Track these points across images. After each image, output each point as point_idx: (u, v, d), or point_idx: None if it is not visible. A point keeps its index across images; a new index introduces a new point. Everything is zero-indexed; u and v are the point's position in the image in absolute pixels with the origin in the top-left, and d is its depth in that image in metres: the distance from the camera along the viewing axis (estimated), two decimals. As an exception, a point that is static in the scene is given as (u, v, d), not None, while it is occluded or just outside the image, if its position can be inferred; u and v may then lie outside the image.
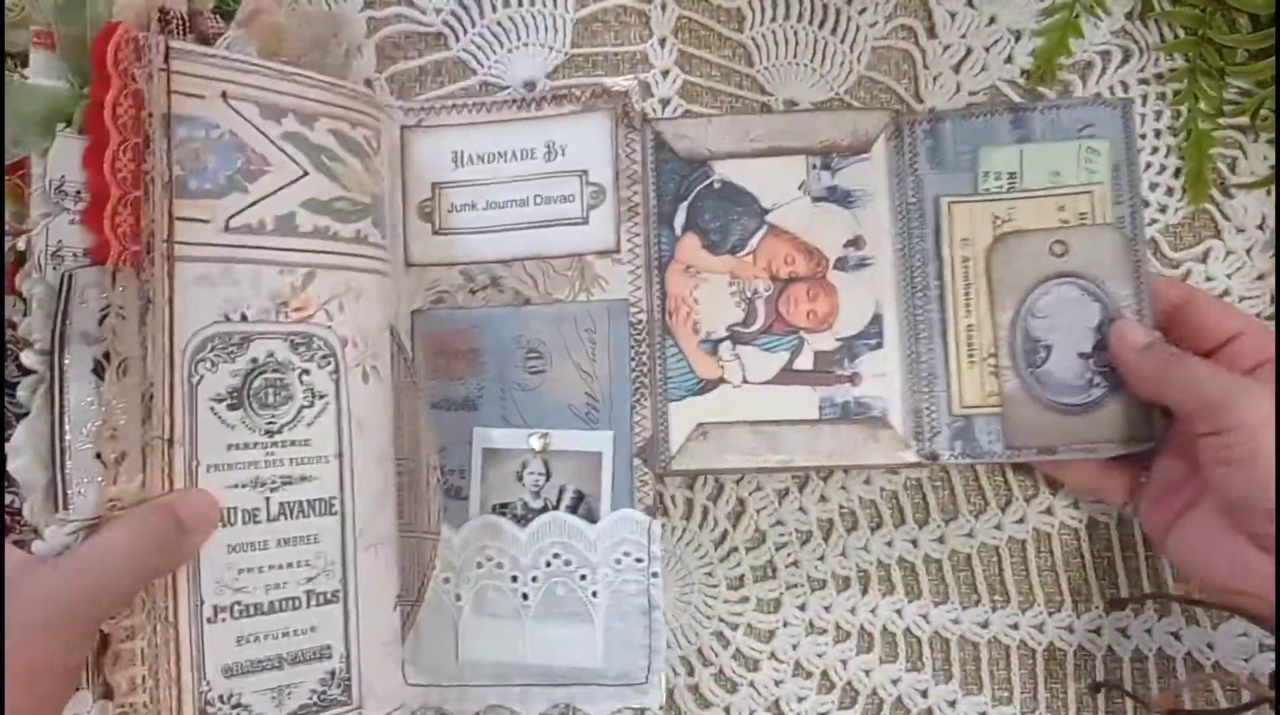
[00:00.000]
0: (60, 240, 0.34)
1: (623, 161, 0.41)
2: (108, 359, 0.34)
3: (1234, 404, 0.34)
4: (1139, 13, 0.43)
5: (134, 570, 0.32)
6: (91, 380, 0.34)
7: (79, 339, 0.33)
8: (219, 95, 0.35)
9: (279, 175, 0.36)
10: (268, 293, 0.36)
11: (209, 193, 0.34)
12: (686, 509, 0.43)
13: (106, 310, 0.34)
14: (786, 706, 0.42)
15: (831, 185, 0.41)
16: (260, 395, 0.35)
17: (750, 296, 0.41)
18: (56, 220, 0.33)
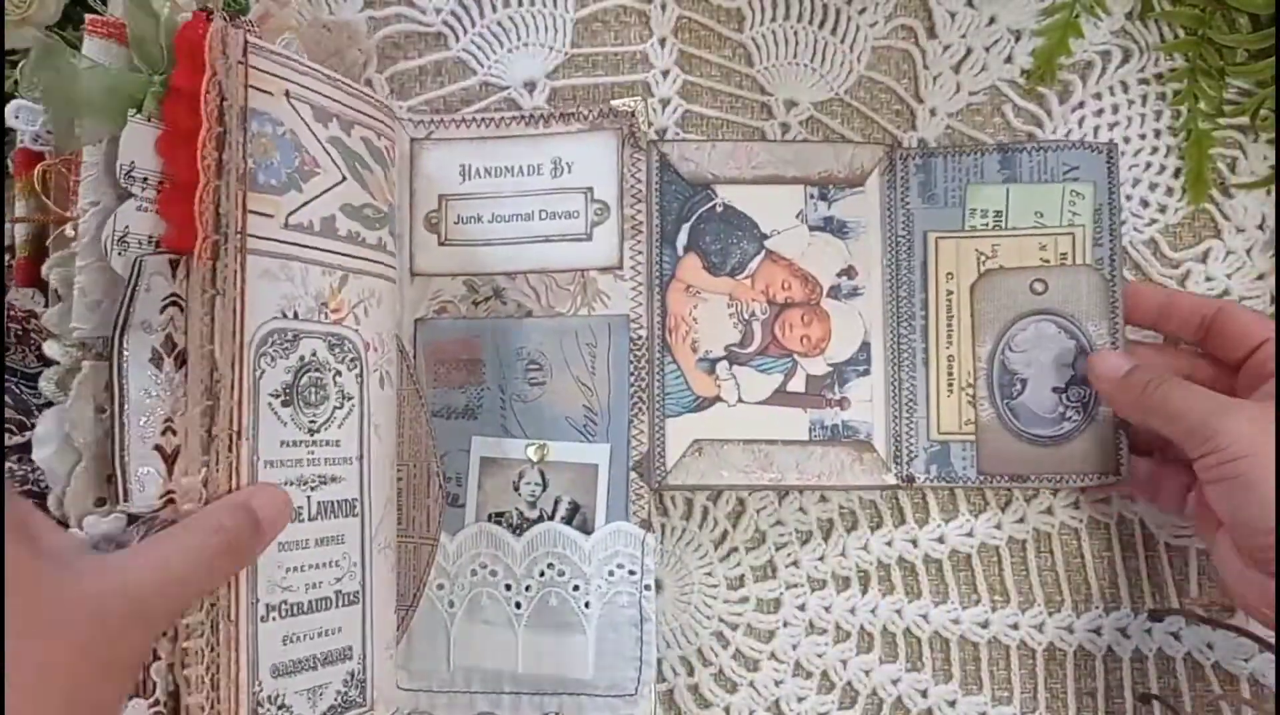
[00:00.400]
0: (127, 226, 0.33)
1: (628, 180, 0.41)
2: (166, 349, 0.33)
3: (1216, 426, 0.34)
4: (1139, 13, 0.43)
5: (210, 568, 0.31)
6: (150, 370, 0.33)
7: (140, 328, 0.33)
8: (284, 94, 0.35)
9: (325, 178, 0.36)
10: (313, 292, 0.36)
11: (274, 188, 0.34)
12: (686, 509, 0.43)
13: (169, 299, 0.33)
14: (786, 706, 0.42)
15: (828, 215, 0.42)
16: (305, 394, 0.35)
17: (748, 318, 0.42)
18: (124, 207, 0.33)
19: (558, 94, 0.44)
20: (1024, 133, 0.43)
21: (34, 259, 0.37)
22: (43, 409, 0.35)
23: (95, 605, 0.27)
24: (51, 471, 0.34)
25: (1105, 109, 0.43)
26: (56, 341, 0.35)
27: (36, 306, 0.37)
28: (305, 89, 0.36)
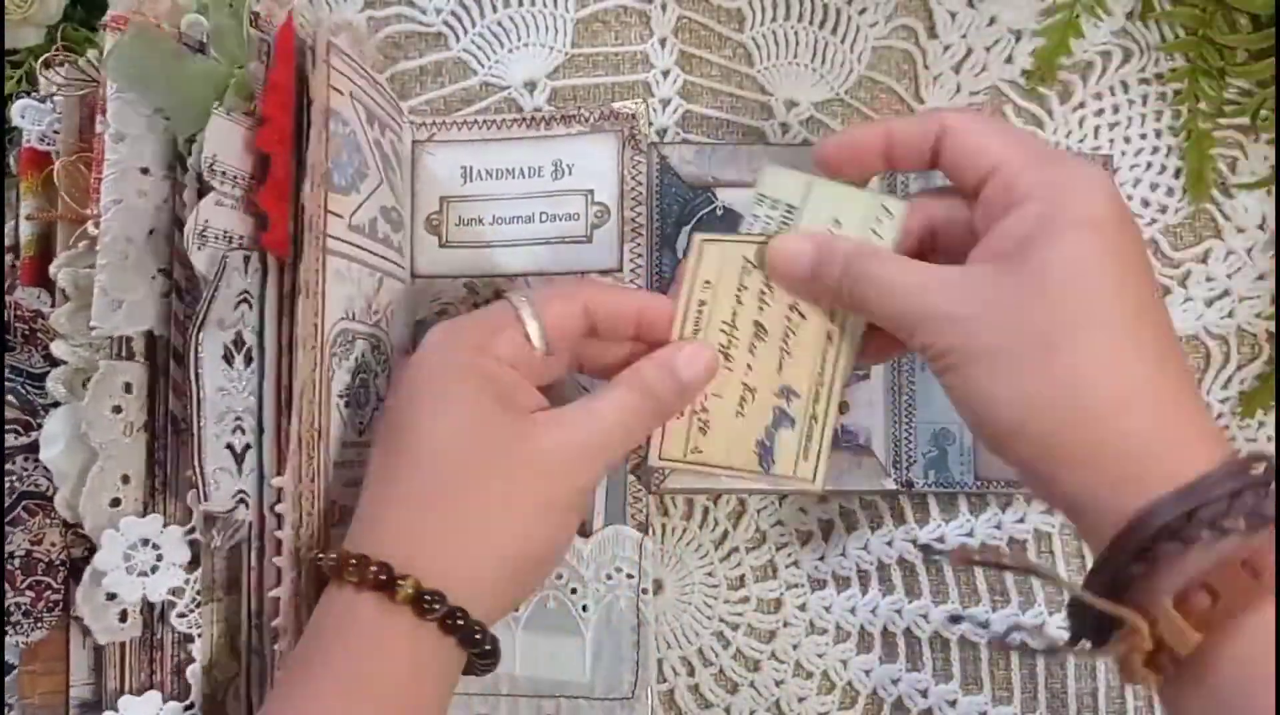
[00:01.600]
0: (207, 220, 0.32)
1: (628, 183, 0.42)
2: (236, 347, 0.33)
3: (917, 315, 0.29)
4: (1139, 13, 0.43)
5: (638, 428, 0.32)
6: (222, 367, 0.33)
7: (214, 325, 0.33)
8: (349, 95, 0.35)
9: (372, 179, 0.37)
10: (363, 294, 0.36)
11: (343, 188, 0.34)
12: (687, 509, 0.43)
13: (242, 296, 0.33)
14: (787, 706, 0.42)
15: None
16: (358, 395, 0.35)
17: None
18: (205, 201, 0.32)
19: (558, 94, 0.44)
20: (1024, 133, 0.43)
21: (40, 258, 0.37)
22: (49, 409, 0.35)
23: (541, 459, 0.30)
24: (59, 471, 0.35)
25: (1106, 109, 0.43)
26: (65, 341, 0.35)
27: (43, 306, 0.37)
28: (362, 91, 0.36)
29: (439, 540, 0.29)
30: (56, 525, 0.36)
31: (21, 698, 0.35)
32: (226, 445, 0.33)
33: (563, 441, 0.31)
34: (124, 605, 0.35)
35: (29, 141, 0.38)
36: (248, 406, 0.33)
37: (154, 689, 0.35)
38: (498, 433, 0.30)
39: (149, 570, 0.34)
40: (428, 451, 0.30)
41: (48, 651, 0.36)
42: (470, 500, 0.30)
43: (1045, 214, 0.27)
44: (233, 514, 0.33)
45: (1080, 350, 0.26)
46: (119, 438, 0.34)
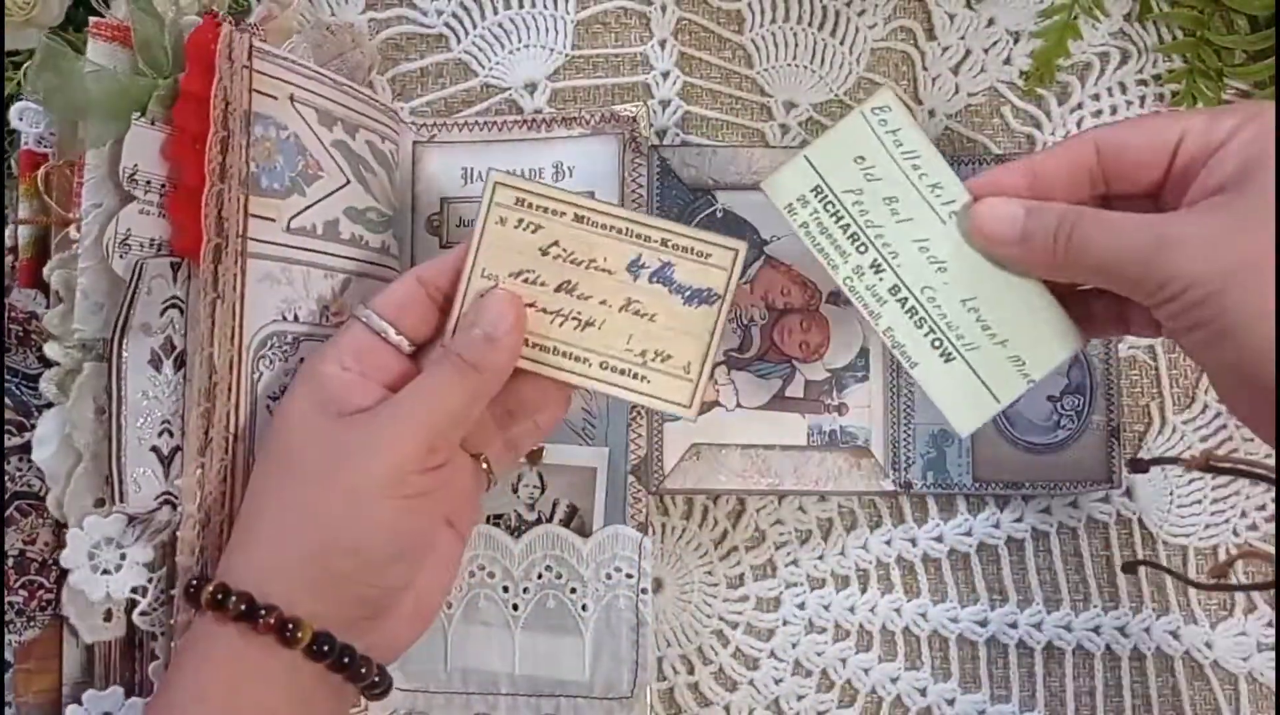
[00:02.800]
0: (129, 229, 0.33)
1: (629, 185, 0.42)
2: (165, 352, 0.33)
3: (1162, 269, 0.27)
4: (1137, 14, 0.43)
5: (468, 404, 0.31)
6: (149, 372, 0.33)
7: (139, 330, 0.33)
8: (288, 98, 0.35)
9: (329, 181, 0.36)
10: (315, 296, 0.36)
11: (276, 192, 0.34)
12: (687, 509, 0.43)
13: (169, 302, 0.33)
14: (786, 705, 0.42)
15: None
16: None
17: (746, 324, 0.42)
18: (126, 209, 0.33)
19: (558, 95, 0.44)
20: (1023, 134, 0.44)
21: (37, 260, 0.37)
22: (43, 410, 0.35)
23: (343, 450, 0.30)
24: (51, 472, 0.35)
25: (1104, 110, 0.43)
26: (57, 343, 0.35)
27: (39, 308, 0.37)
28: (310, 93, 0.36)
29: (258, 551, 0.30)
30: (49, 525, 0.36)
31: (16, 696, 0.35)
32: (151, 448, 0.33)
33: (368, 429, 0.30)
34: (108, 605, 0.35)
35: (27, 144, 0.38)
36: (178, 410, 0.33)
37: (135, 687, 0.35)
38: (308, 436, 0.30)
39: (112, 569, 0.34)
40: (259, 472, 0.31)
41: (41, 650, 0.36)
42: (276, 503, 0.30)
43: (1252, 143, 0.27)
44: (155, 515, 0.33)
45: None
46: (103, 439, 0.34)
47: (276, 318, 0.34)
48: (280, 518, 0.30)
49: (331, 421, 0.30)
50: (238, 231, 0.33)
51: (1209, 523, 0.42)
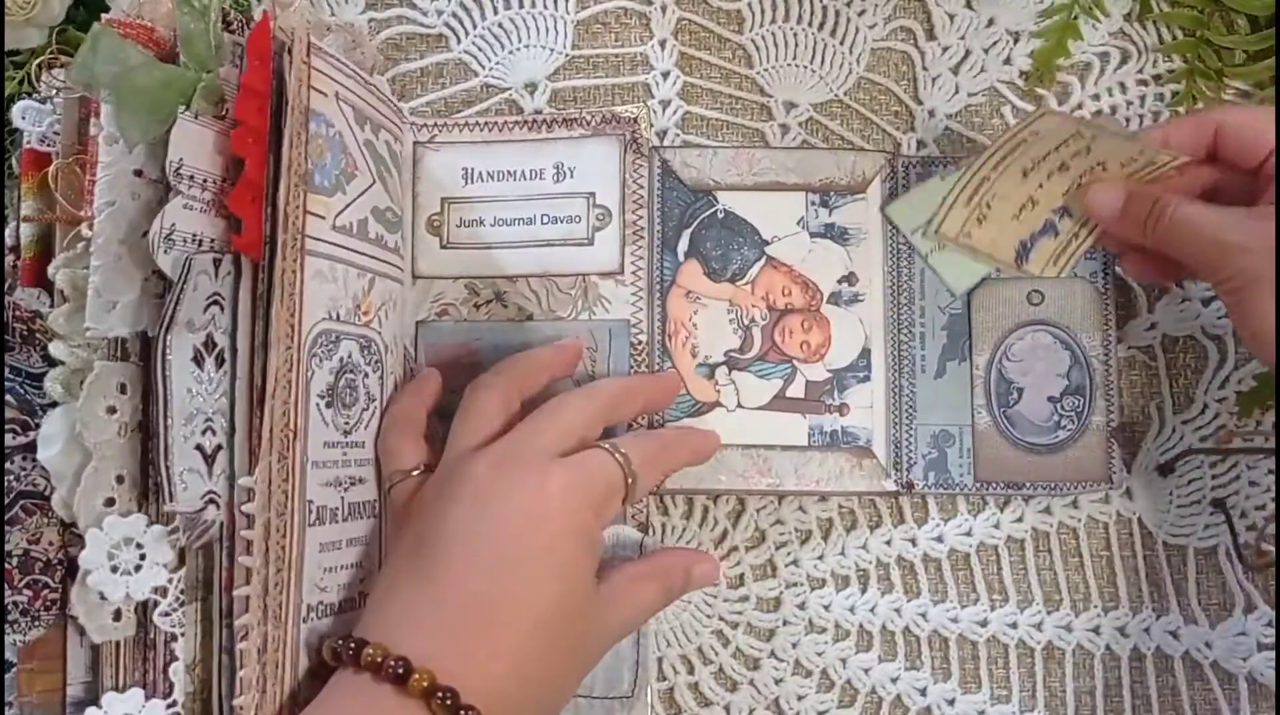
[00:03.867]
0: (174, 224, 0.33)
1: (629, 186, 0.42)
2: (207, 349, 0.33)
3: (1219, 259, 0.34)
4: (1137, 14, 0.43)
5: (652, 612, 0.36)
6: (192, 369, 0.33)
7: (183, 327, 0.33)
8: (334, 95, 0.35)
9: (361, 180, 0.37)
10: (351, 294, 0.36)
11: (325, 189, 0.34)
12: (687, 508, 0.43)
13: (211, 298, 0.33)
14: (786, 705, 0.42)
15: (829, 222, 0.42)
16: (343, 395, 0.35)
17: (747, 324, 0.42)
18: (171, 204, 0.32)
19: (558, 96, 0.44)
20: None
21: (41, 259, 0.37)
22: (47, 409, 0.35)
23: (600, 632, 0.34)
24: (57, 471, 0.35)
25: (1104, 110, 0.43)
26: (62, 342, 0.35)
27: (42, 307, 0.37)
28: (349, 92, 0.36)
29: (485, 663, 0.31)
30: (54, 524, 0.36)
31: (19, 695, 0.35)
32: (196, 446, 0.33)
33: (616, 622, 0.34)
34: (118, 604, 0.35)
35: (29, 143, 0.38)
36: (219, 408, 0.33)
37: (145, 687, 0.35)
38: (584, 608, 0.33)
39: (132, 569, 0.34)
40: (528, 603, 0.31)
41: (45, 649, 0.36)
42: (537, 644, 0.31)
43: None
44: (201, 514, 0.33)
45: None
46: (113, 438, 0.34)
47: (325, 316, 0.34)
48: (530, 667, 0.31)
49: (594, 597, 0.33)
50: (299, 228, 0.33)
51: (1209, 523, 0.42)
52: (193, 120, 0.33)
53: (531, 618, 0.31)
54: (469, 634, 0.31)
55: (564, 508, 0.32)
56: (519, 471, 0.33)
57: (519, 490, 0.32)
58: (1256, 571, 0.40)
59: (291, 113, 0.33)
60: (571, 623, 0.32)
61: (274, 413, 0.32)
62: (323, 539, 0.34)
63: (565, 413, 0.35)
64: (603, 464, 0.34)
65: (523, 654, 0.31)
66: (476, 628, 0.31)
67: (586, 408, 0.35)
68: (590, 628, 0.33)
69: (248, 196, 0.33)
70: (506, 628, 0.31)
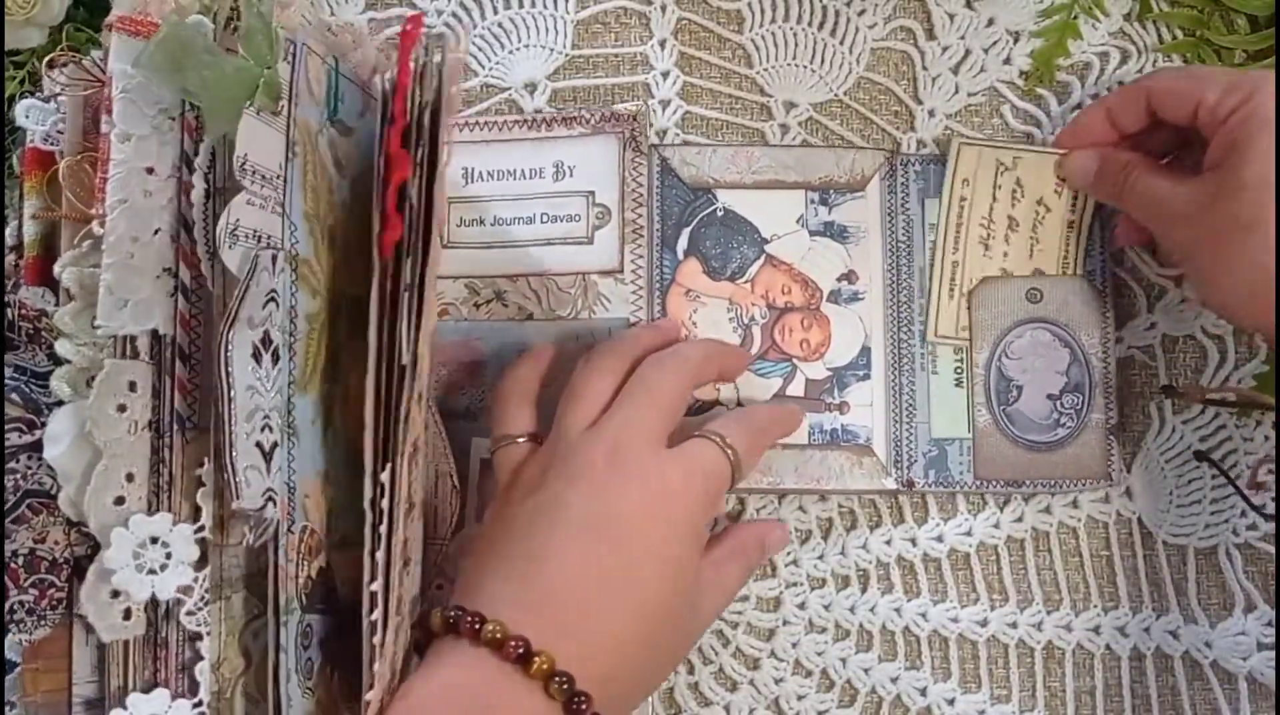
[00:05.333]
0: (238, 219, 0.32)
1: (629, 184, 0.42)
2: (264, 345, 0.33)
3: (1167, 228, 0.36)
4: (1137, 14, 0.43)
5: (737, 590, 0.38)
6: (250, 365, 0.33)
7: (244, 323, 0.33)
8: (457, 97, 0.35)
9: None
10: None
11: None
12: (686, 507, 0.43)
13: (270, 295, 0.33)
14: (786, 705, 0.42)
15: (828, 220, 0.42)
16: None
17: (747, 323, 0.42)
18: (235, 200, 0.32)
19: (558, 95, 0.44)
20: (1023, 133, 0.44)
21: (44, 258, 0.37)
22: (53, 408, 0.36)
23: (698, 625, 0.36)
24: (63, 470, 0.35)
25: (1104, 110, 0.43)
26: (69, 340, 0.35)
27: (47, 305, 0.37)
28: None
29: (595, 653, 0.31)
30: (60, 523, 0.36)
31: (24, 695, 0.35)
32: (256, 443, 0.33)
33: (710, 610, 0.36)
34: (128, 603, 0.35)
35: (33, 141, 0.38)
36: (275, 405, 0.33)
37: (160, 686, 0.35)
38: (688, 600, 0.34)
39: (158, 568, 0.34)
40: (641, 598, 0.32)
41: (50, 649, 0.36)
42: (645, 636, 0.32)
43: (1239, 127, 0.34)
44: (262, 512, 0.33)
45: (1267, 233, 0.33)
46: (123, 436, 0.34)
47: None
48: (635, 650, 0.32)
49: (698, 591, 0.34)
50: (441, 225, 0.33)
51: (1209, 523, 0.42)
52: (255, 116, 0.33)
53: (643, 612, 0.32)
54: (583, 623, 0.31)
55: (679, 505, 0.33)
56: (635, 466, 0.33)
57: (636, 486, 0.33)
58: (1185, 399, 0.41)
59: (445, 113, 0.33)
60: (676, 615, 0.33)
61: (413, 406, 0.32)
62: (410, 534, 0.34)
63: (663, 391, 0.35)
64: (714, 458, 0.35)
65: (632, 646, 0.32)
66: (591, 618, 0.31)
67: (679, 382, 0.36)
68: (691, 617, 0.34)
69: (398, 196, 0.33)
70: (618, 620, 0.32)
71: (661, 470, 0.33)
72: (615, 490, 0.33)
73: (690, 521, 0.33)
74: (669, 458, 0.34)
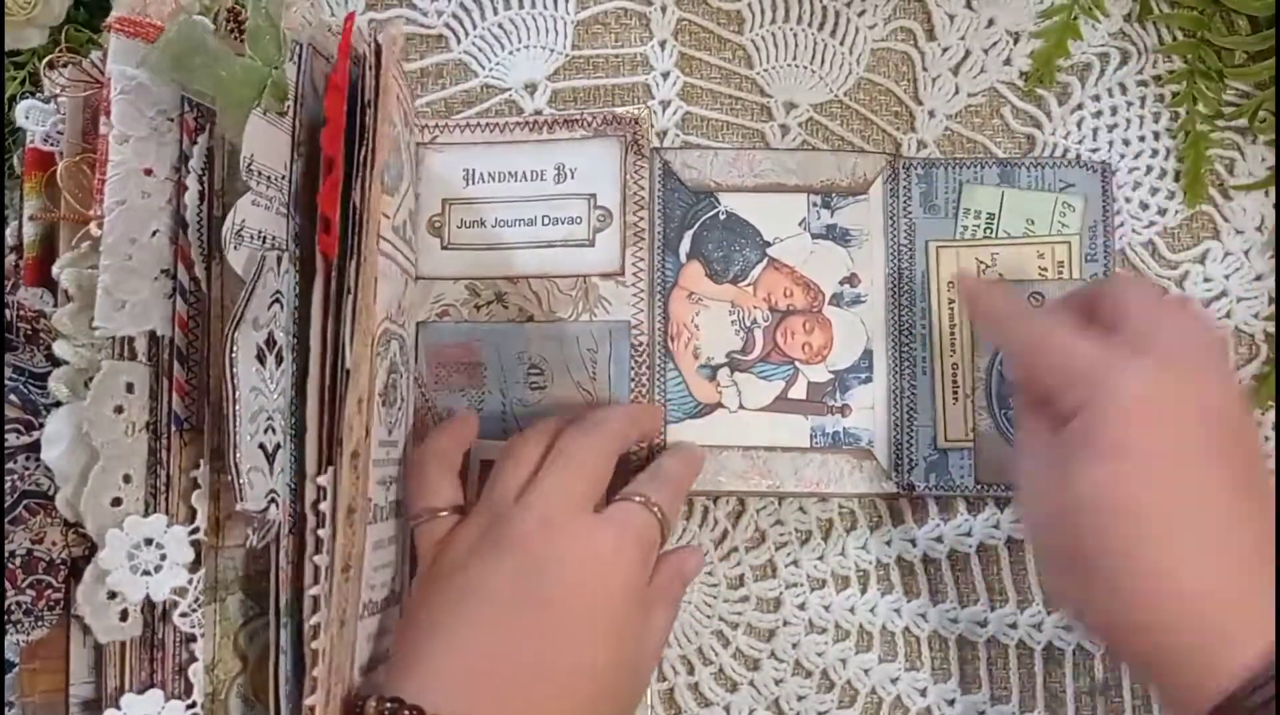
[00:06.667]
0: (244, 220, 0.32)
1: (631, 188, 0.42)
2: (268, 346, 0.33)
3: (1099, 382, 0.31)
4: (1137, 15, 0.43)
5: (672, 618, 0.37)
6: (255, 366, 0.33)
7: (249, 324, 0.32)
8: (396, 95, 0.35)
9: (405, 181, 0.37)
10: (397, 295, 0.36)
11: (389, 188, 0.34)
12: (687, 509, 0.43)
13: (275, 297, 0.33)
14: (786, 705, 0.42)
15: (830, 223, 0.42)
16: (389, 394, 0.36)
17: (749, 325, 0.42)
18: (242, 200, 0.32)
19: (558, 96, 0.44)
20: (1023, 134, 0.44)
21: (44, 258, 0.37)
22: (51, 409, 0.36)
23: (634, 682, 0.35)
24: (61, 471, 0.35)
25: (1104, 111, 0.43)
26: (67, 341, 0.35)
27: (46, 306, 0.37)
28: (404, 91, 0.36)
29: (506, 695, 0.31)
30: (58, 524, 0.36)
31: (22, 695, 0.35)
32: (259, 445, 0.33)
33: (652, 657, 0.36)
34: (125, 604, 0.35)
35: (33, 142, 0.38)
36: (278, 407, 0.33)
37: (155, 688, 0.35)
38: (634, 658, 0.34)
39: (152, 570, 0.34)
40: (585, 665, 0.32)
41: (48, 650, 0.36)
42: (592, 705, 0.32)
43: (1074, 437, 0.31)
44: (265, 514, 0.33)
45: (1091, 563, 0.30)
46: (120, 437, 0.34)
47: (385, 316, 0.34)
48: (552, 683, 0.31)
49: (635, 653, 0.34)
50: (377, 227, 0.32)
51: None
52: (262, 117, 0.33)
53: (589, 679, 0.32)
54: (528, 704, 0.31)
55: (617, 572, 0.33)
56: (567, 536, 0.33)
57: (571, 555, 0.33)
58: None
59: (381, 111, 0.33)
60: (622, 674, 0.33)
61: (352, 411, 0.31)
62: (374, 537, 0.34)
63: (587, 459, 0.35)
64: (643, 521, 0.35)
65: (579, 713, 0.32)
66: (535, 697, 0.31)
67: (603, 449, 0.36)
68: (636, 674, 0.35)
69: (336, 196, 0.32)
70: (566, 692, 0.31)
71: (594, 538, 0.33)
72: (551, 563, 0.32)
73: (627, 586, 0.33)
74: (599, 525, 0.34)
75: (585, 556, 0.33)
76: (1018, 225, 0.42)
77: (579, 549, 0.33)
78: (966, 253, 0.42)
